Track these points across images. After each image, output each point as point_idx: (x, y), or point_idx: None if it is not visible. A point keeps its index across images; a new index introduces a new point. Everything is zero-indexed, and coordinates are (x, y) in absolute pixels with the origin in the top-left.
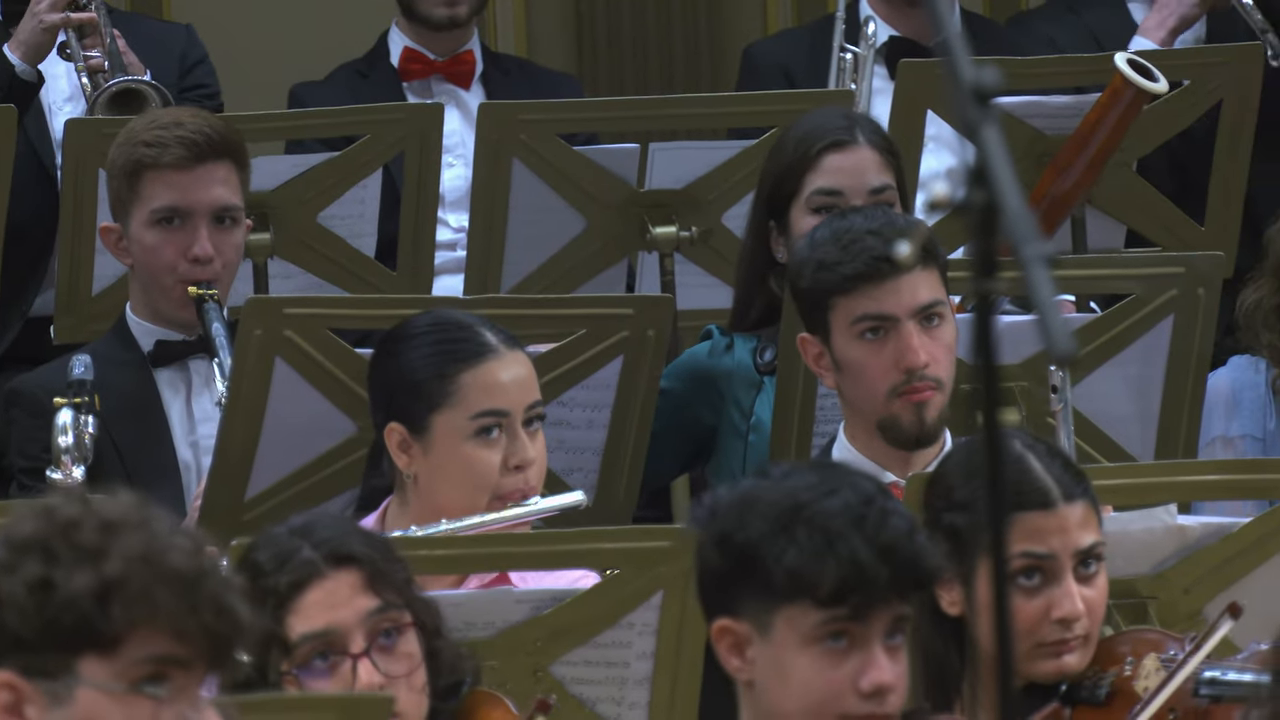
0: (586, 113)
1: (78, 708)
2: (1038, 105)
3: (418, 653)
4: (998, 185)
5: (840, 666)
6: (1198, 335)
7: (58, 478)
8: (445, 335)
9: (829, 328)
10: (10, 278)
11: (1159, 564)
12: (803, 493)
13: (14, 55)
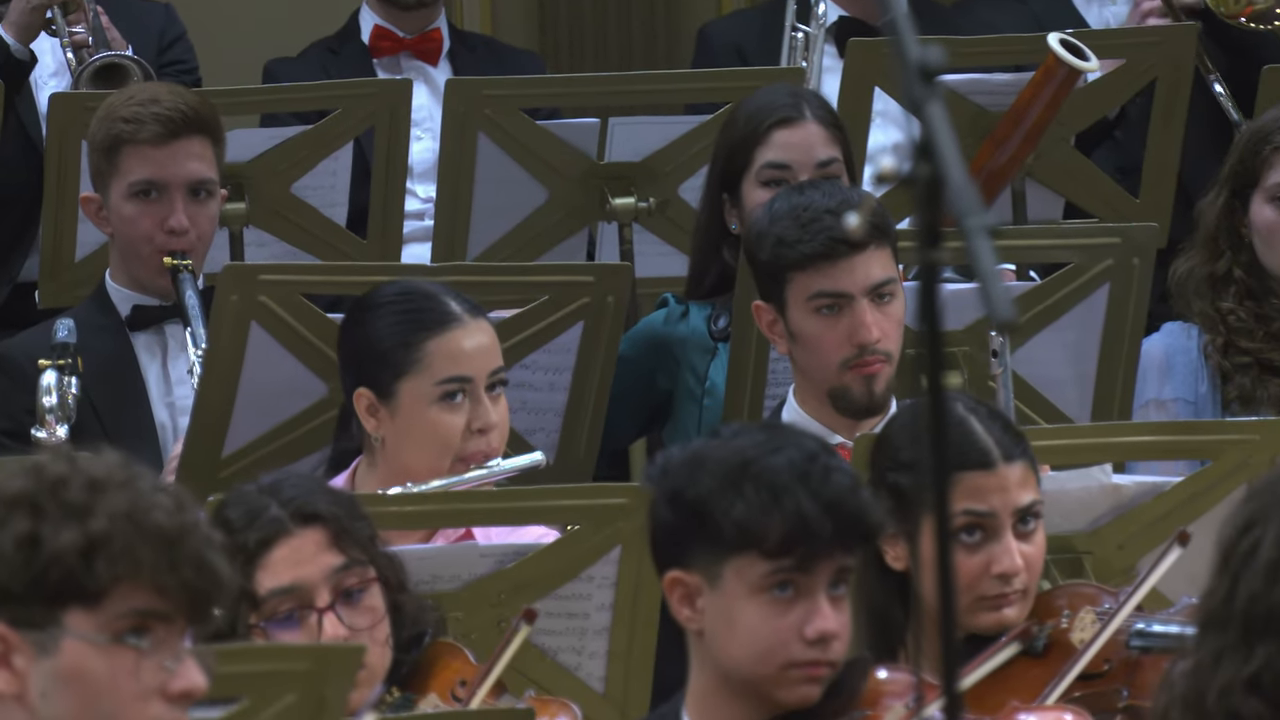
0: (548, 89)
1: (63, 658)
2: (980, 83)
3: (381, 607)
4: (942, 159)
5: (786, 615)
6: (1132, 303)
7: (43, 436)
8: (411, 304)
9: (785, 300)
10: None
11: (1094, 521)
12: (750, 450)
13: (8, 35)
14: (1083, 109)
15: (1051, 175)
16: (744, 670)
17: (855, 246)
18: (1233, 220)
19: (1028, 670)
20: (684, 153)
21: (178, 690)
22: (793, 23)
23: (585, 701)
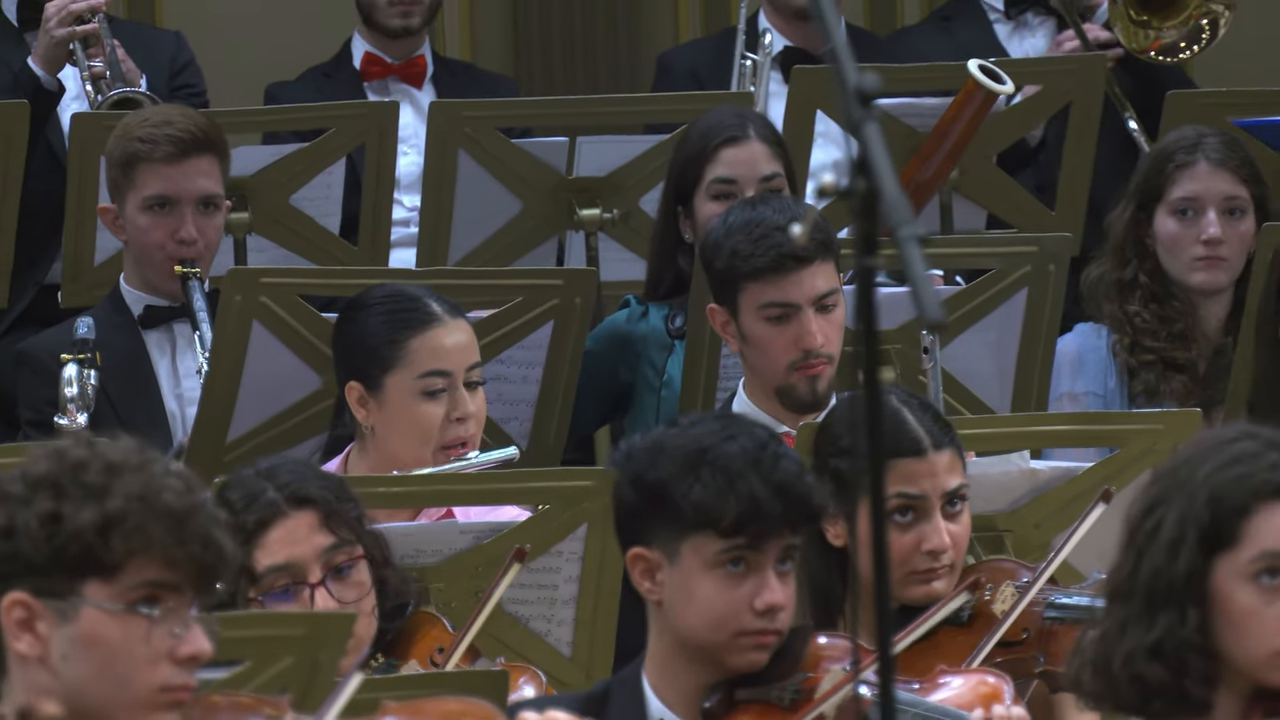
0: (522, 110)
1: (82, 624)
2: (911, 106)
3: (368, 581)
4: (877, 175)
5: (738, 588)
6: (1048, 305)
7: (64, 423)
8: (397, 305)
9: (738, 305)
10: (26, 251)
11: (1014, 502)
12: (706, 438)
13: (38, 67)
14: (1004, 130)
15: (976, 190)
16: (699, 637)
17: (802, 261)
18: (1139, 231)
19: (954, 638)
20: (644, 168)
21: (185, 654)
22: (742, 51)
23: (554, 664)
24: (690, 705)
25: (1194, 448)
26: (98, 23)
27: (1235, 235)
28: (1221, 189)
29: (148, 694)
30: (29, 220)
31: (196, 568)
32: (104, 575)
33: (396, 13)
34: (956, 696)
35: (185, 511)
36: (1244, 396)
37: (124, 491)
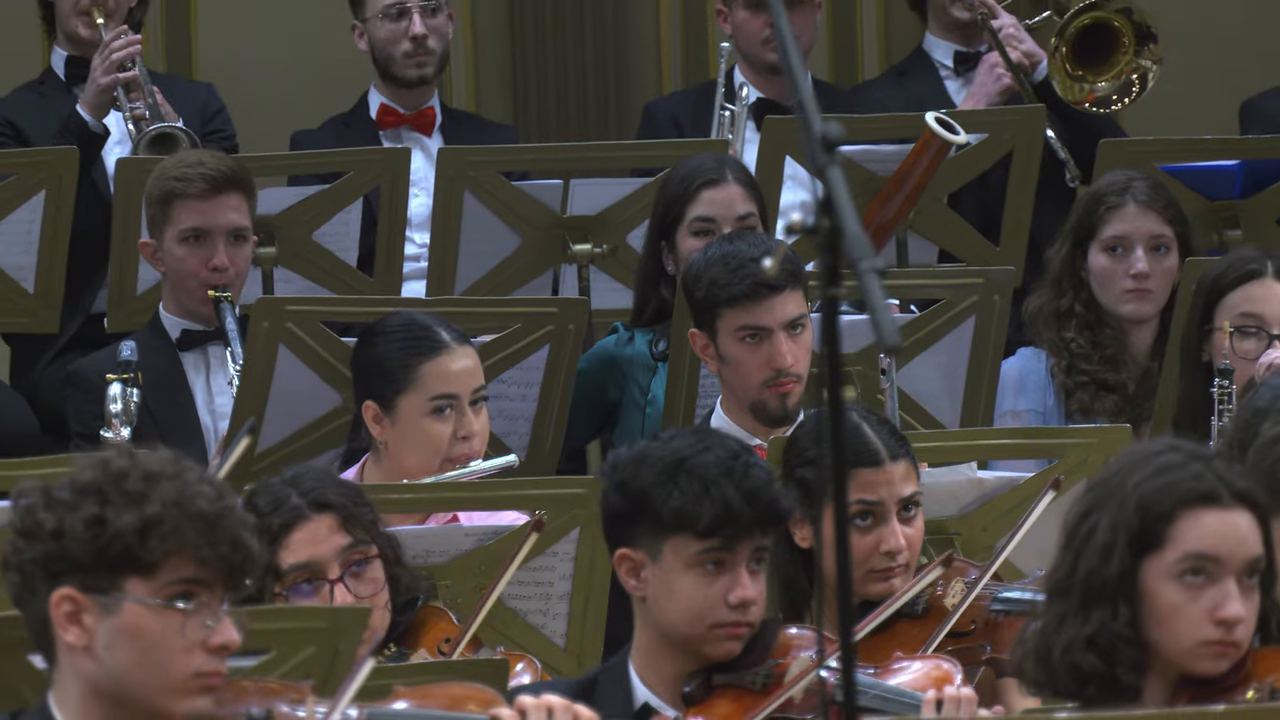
0: (521, 155)
1: (124, 617)
2: (871, 152)
3: (381, 578)
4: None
5: (714, 585)
6: (993, 331)
7: (109, 436)
8: (410, 333)
9: (716, 329)
10: (75, 281)
11: (963, 508)
12: (684, 450)
13: (85, 113)
14: (953, 174)
15: (928, 228)
16: (679, 630)
17: (774, 289)
18: (1074, 266)
19: (909, 629)
20: (630, 208)
21: (216, 644)
22: (720, 102)
23: (549, 654)
24: (672, 690)
25: (1124, 460)
26: (137, 70)
27: (1161, 270)
28: (1149, 228)
29: (183, 680)
30: (77, 253)
31: (226, 566)
32: (143, 573)
33: (413, 64)
34: (911, 680)
35: (216, 515)
36: (1169, 414)
37: (161, 498)
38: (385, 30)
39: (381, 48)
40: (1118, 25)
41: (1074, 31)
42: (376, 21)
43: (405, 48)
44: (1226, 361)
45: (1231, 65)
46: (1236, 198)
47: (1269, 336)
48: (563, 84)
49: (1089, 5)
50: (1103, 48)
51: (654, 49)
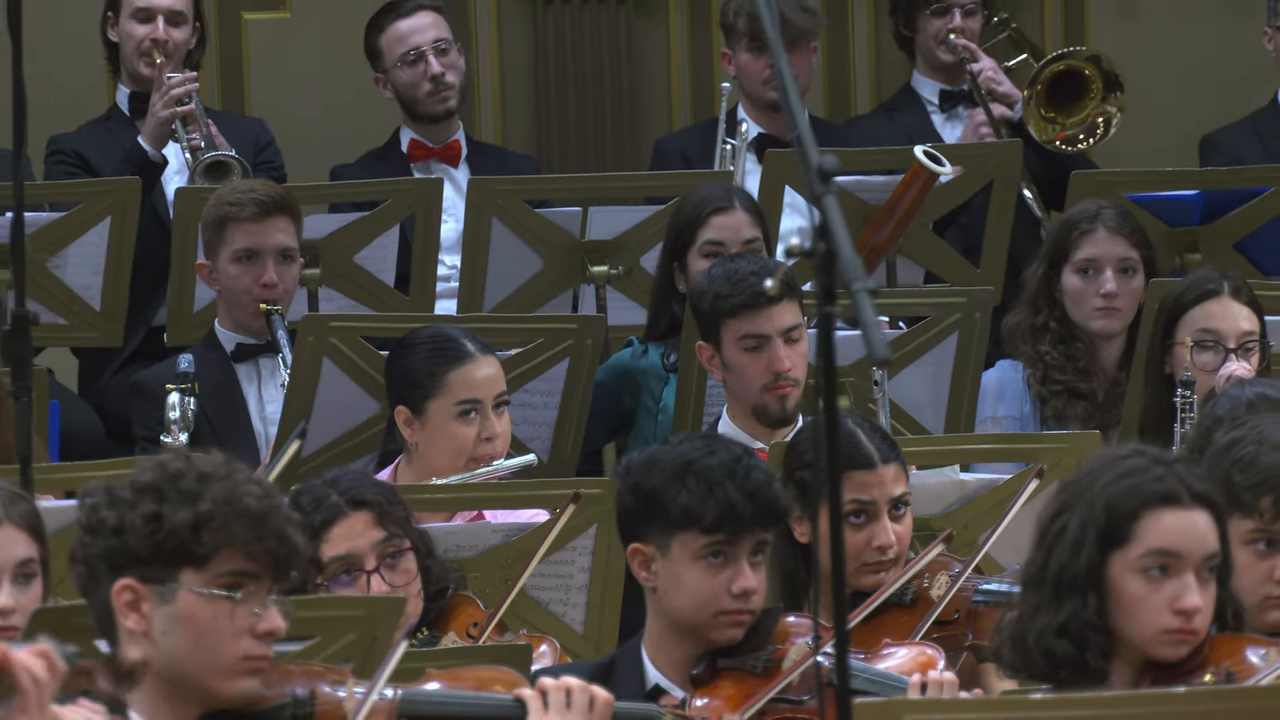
0: (543, 185)
1: (179, 605)
2: (863, 183)
3: (414, 569)
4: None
5: (718, 576)
6: (975, 345)
7: (169, 441)
8: (437, 344)
9: (720, 339)
10: (137, 299)
11: (947, 507)
12: (691, 453)
13: (146, 144)
14: (939, 203)
15: (916, 252)
16: (687, 617)
17: (772, 300)
18: (1049, 286)
19: (898, 618)
20: (644, 233)
21: (263, 630)
22: (724, 137)
23: (569, 639)
24: (681, 673)
25: (1093, 463)
26: (194, 104)
27: (1128, 290)
28: (1117, 252)
29: (232, 662)
30: (139, 273)
31: (272, 559)
32: (196, 564)
33: (437, 100)
34: (898, 664)
35: (263, 512)
36: (1135, 421)
37: (213, 496)
38: (405, 76)
39: (405, 91)
40: (1088, 73)
41: (1048, 77)
42: (396, 70)
43: (427, 88)
44: (1187, 373)
45: (1192, 103)
46: (1196, 224)
47: (1225, 350)
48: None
49: (1063, 54)
50: (1073, 92)
51: (664, 88)
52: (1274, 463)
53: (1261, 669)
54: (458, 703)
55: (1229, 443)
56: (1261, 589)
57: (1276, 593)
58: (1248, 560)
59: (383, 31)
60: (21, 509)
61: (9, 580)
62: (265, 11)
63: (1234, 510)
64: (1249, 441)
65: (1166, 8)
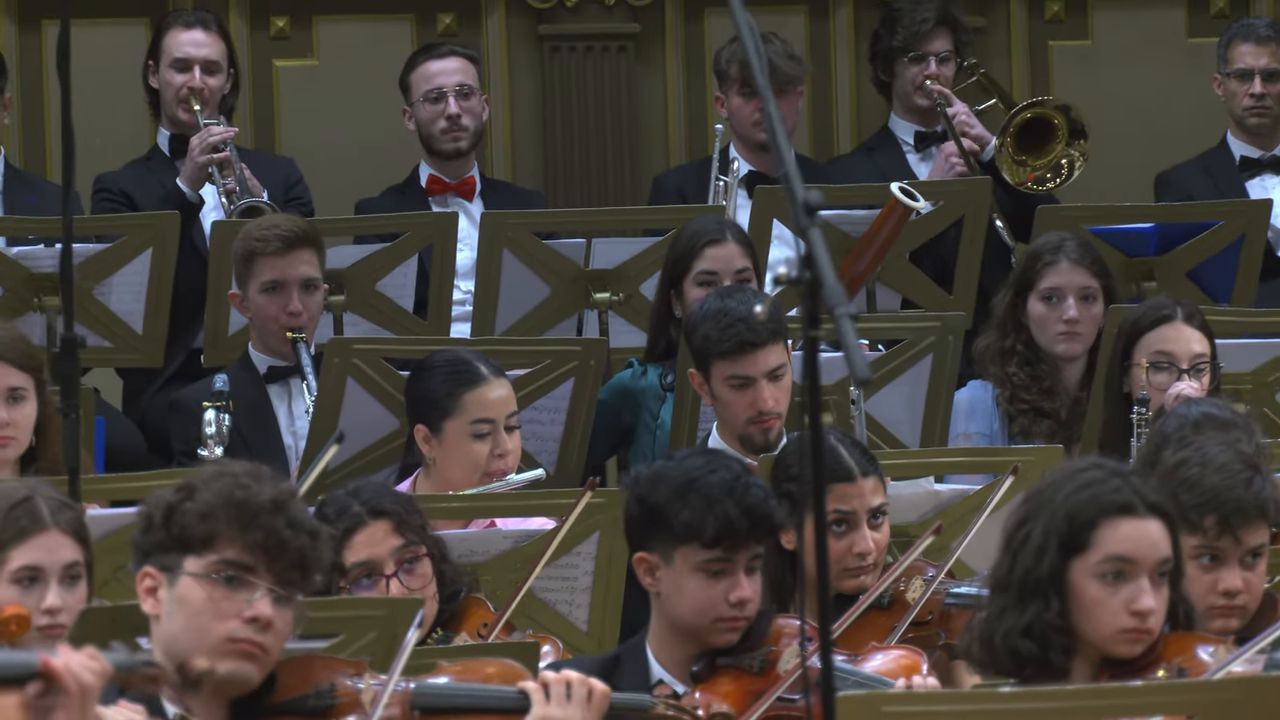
0: (550, 218)
1: (180, 588)
2: (845, 217)
3: (430, 573)
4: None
5: (716, 586)
6: (948, 367)
7: (205, 454)
8: (454, 367)
9: (709, 375)
10: (176, 324)
11: (922, 515)
12: (694, 471)
13: (185, 186)
14: (914, 235)
15: (893, 280)
16: (687, 622)
17: (757, 345)
18: (1016, 312)
19: (878, 618)
20: (643, 263)
21: (249, 615)
22: (717, 174)
23: (574, 636)
24: (682, 669)
25: (1055, 475)
26: (229, 151)
27: (1089, 316)
28: (1078, 281)
29: (218, 642)
30: (178, 300)
31: (265, 554)
32: (196, 551)
33: (449, 139)
34: (882, 664)
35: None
36: (1095, 436)
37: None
38: (427, 111)
39: (424, 126)
40: (1056, 121)
41: (1019, 122)
42: (420, 104)
43: (443, 125)
44: (1144, 392)
45: (1147, 143)
46: (1152, 255)
47: (1179, 371)
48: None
49: (1033, 102)
50: (1041, 137)
51: (662, 129)
52: (1216, 484)
53: (1211, 665)
54: (466, 694)
55: (1176, 463)
56: (1206, 599)
57: (1220, 603)
58: (1194, 573)
59: (415, 69)
60: (69, 516)
61: (57, 581)
62: (295, 59)
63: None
64: (1194, 463)
65: (1124, 56)
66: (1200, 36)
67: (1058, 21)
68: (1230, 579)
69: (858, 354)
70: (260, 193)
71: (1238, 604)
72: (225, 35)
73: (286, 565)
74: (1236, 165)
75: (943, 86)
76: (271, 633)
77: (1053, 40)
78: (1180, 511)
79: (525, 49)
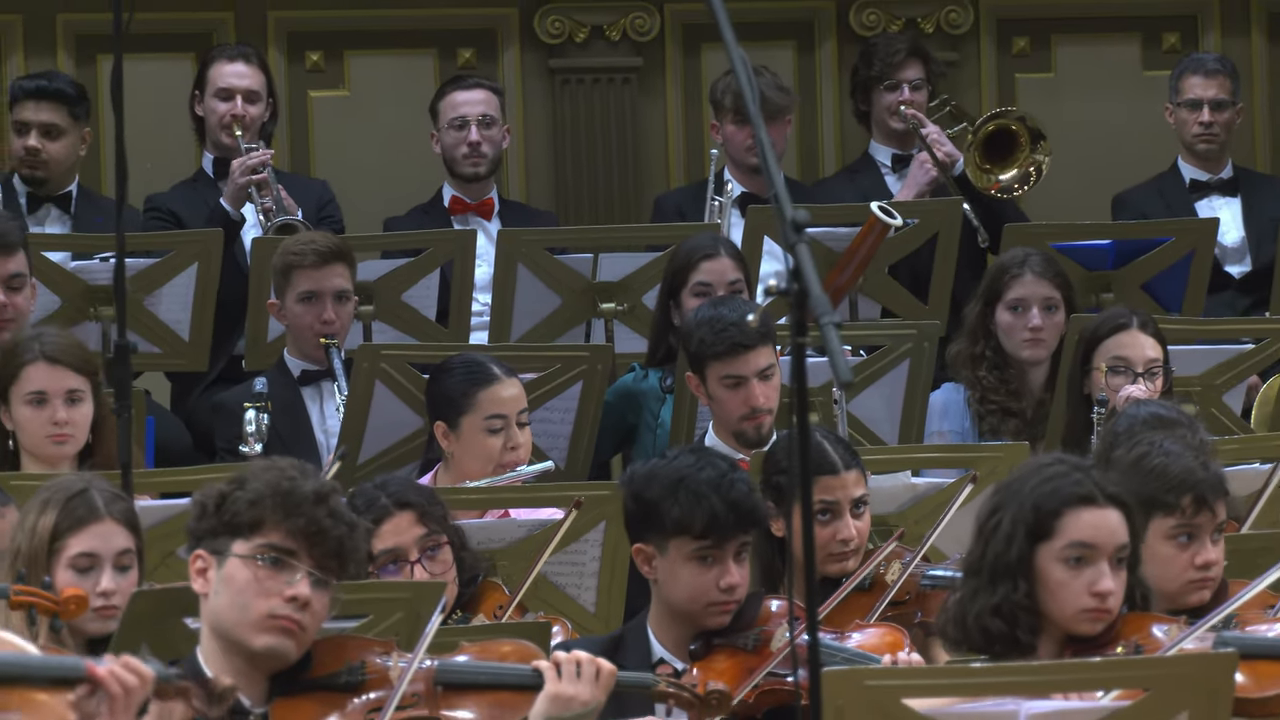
0: (560, 235)
1: (227, 568)
2: (829, 233)
3: (450, 559)
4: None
5: (707, 574)
6: (923, 370)
7: (246, 451)
8: (469, 368)
9: (705, 376)
10: (220, 332)
11: (900, 506)
12: (684, 469)
13: (227, 205)
14: (892, 250)
15: (873, 291)
16: (682, 606)
17: (748, 347)
18: (985, 320)
19: (859, 599)
20: (645, 275)
21: (289, 594)
22: (712, 195)
23: (583, 617)
24: (680, 648)
25: (1023, 469)
26: (267, 173)
27: (1051, 324)
28: (1042, 292)
29: (258, 619)
30: (221, 310)
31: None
32: (243, 535)
33: (468, 164)
34: (866, 640)
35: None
36: (1058, 434)
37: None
38: (451, 137)
39: (447, 150)
40: (1016, 129)
41: (983, 134)
42: (445, 130)
43: (464, 150)
44: (1102, 394)
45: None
46: (1109, 269)
47: (1135, 375)
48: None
49: (994, 114)
50: (1005, 147)
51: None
52: (1185, 467)
53: (1165, 642)
54: (485, 671)
55: (1137, 457)
56: (1184, 575)
57: (1196, 576)
58: (1172, 552)
59: (443, 98)
60: (121, 507)
61: (110, 566)
62: (328, 90)
63: (1157, 511)
64: (1155, 455)
65: (1084, 87)
66: (1154, 70)
67: (1024, 55)
68: (1206, 553)
69: (841, 359)
70: (295, 211)
71: (1212, 575)
72: (264, 68)
73: (325, 552)
74: (1186, 187)
75: (916, 110)
76: (309, 612)
77: (1019, 73)
78: (1155, 498)
79: (538, 81)
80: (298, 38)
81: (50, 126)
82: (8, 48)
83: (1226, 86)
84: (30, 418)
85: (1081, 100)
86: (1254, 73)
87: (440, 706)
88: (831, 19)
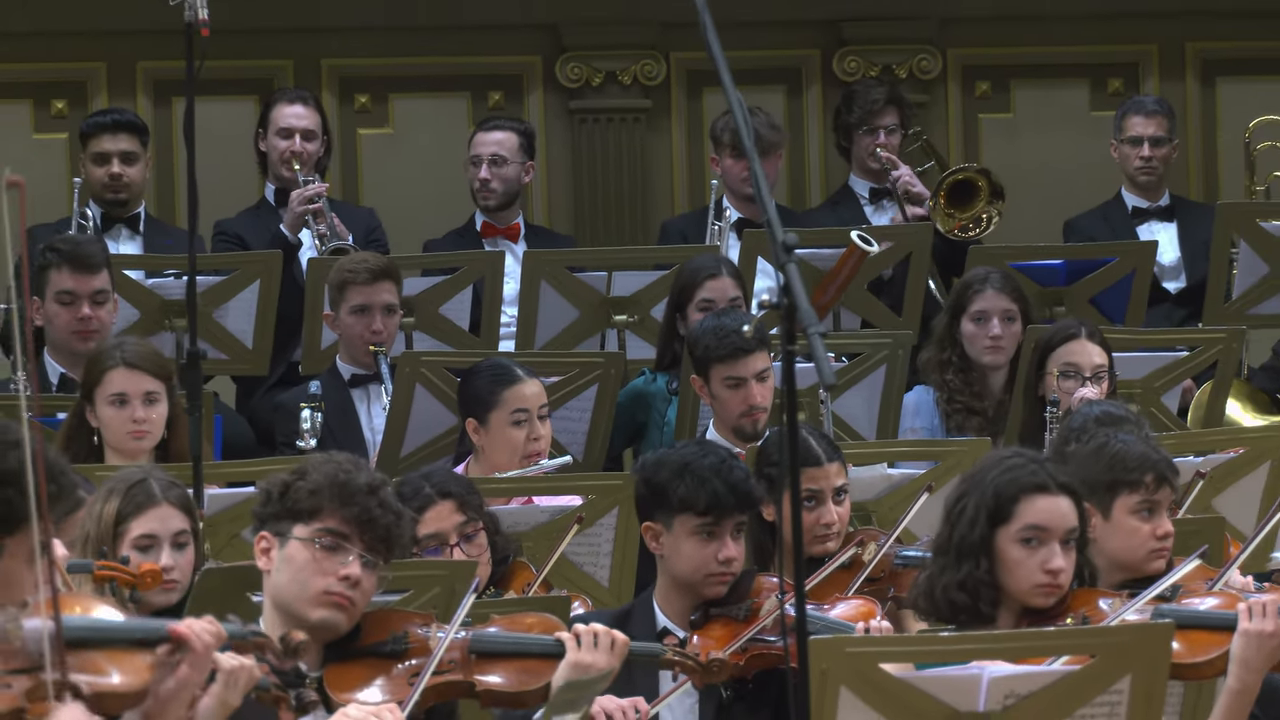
0: (578, 255)
1: (288, 549)
2: (816, 255)
3: (485, 542)
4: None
5: (707, 548)
6: (898, 375)
7: (302, 446)
8: (495, 370)
9: (709, 378)
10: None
11: (877, 494)
12: (689, 456)
13: (286, 231)
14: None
15: (854, 305)
16: (685, 578)
17: (747, 352)
18: (952, 330)
19: (839, 576)
20: (653, 291)
21: (343, 574)
22: (713, 220)
23: (598, 591)
24: (682, 618)
25: (984, 461)
26: (322, 203)
27: (1009, 333)
28: (1001, 305)
29: (315, 594)
30: (281, 322)
31: (359, 526)
32: (304, 520)
33: (480, 197)
34: (845, 613)
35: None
36: (1016, 431)
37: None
38: (470, 172)
39: (469, 183)
40: (979, 183)
41: (949, 184)
42: (469, 165)
43: (475, 186)
44: (1055, 395)
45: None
46: (1061, 285)
47: (1083, 378)
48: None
49: (961, 168)
50: (967, 196)
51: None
52: (1144, 450)
53: (1109, 614)
54: (514, 641)
55: (1096, 448)
56: (1146, 545)
57: (1157, 546)
58: (1136, 524)
59: (473, 136)
60: (177, 492)
61: (169, 546)
62: (374, 128)
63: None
64: (1115, 443)
65: (1039, 126)
66: (1100, 110)
67: (986, 98)
68: (1165, 524)
69: (825, 364)
70: (346, 236)
71: (1168, 545)
72: (320, 109)
73: (375, 537)
74: (1129, 214)
75: (890, 154)
76: (359, 590)
77: (981, 113)
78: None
79: (559, 120)
80: (348, 82)
81: (127, 154)
82: (93, 90)
83: (1164, 125)
84: (113, 417)
85: (1037, 137)
86: (1188, 113)
87: (474, 672)
88: (817, 66)
